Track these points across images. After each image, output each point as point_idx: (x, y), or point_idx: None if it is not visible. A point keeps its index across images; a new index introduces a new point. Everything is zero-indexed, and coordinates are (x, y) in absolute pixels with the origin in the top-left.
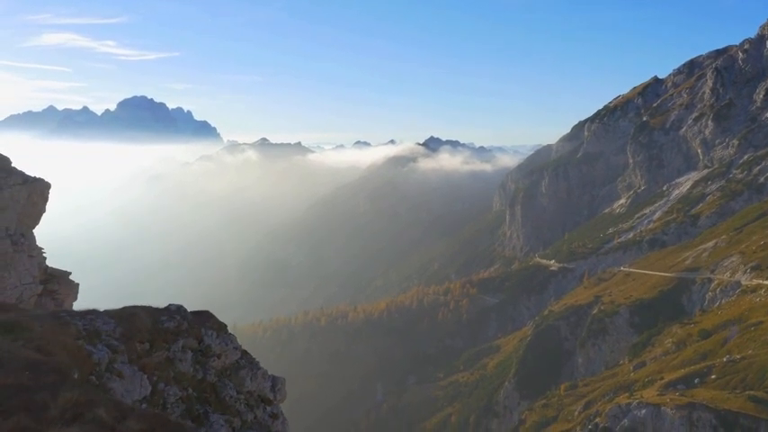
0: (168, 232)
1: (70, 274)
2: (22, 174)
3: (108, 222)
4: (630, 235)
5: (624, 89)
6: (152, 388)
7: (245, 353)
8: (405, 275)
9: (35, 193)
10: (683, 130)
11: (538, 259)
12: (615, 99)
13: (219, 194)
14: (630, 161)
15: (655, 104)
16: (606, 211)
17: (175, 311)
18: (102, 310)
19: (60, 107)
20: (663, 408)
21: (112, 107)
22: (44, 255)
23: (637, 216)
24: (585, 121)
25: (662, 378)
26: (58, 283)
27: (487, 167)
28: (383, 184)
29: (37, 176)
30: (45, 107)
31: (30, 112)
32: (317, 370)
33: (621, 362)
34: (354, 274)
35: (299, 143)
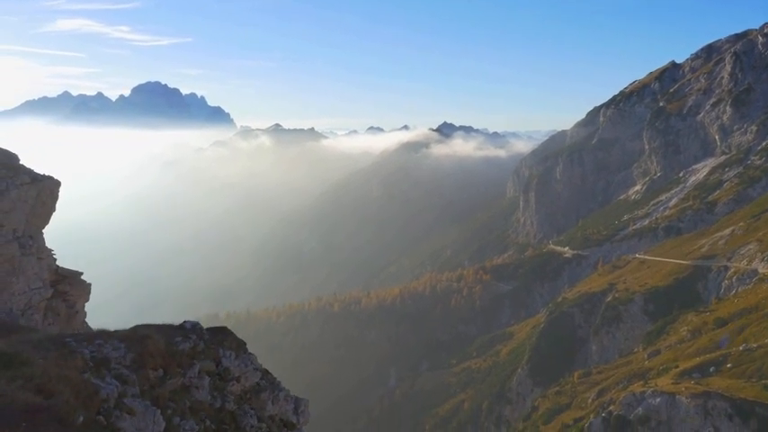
0: (181, 218)
1: (82, 274)
2: (30, 172)
3: (121, 208)
4: (646, 222)
5: (641, 74)
6: (166, 423)
7: (265, 372)
8: (417, 262)
9: (44, 192)
10: (701, 115)
11: (552, 246)
12: (631, 84)
13: (233, 180)
14: (646, 147)
15: (672, 90)
16: (621, 197)
17: (191, 330)
18: (112, 330)
19: (75, 93)
20: (678, 396)
21: (127, 93)
22: (54, 256)
23: (652, 203)
24: (601, 106)
25: (677, 366)
26: (70, 284)
27: (501, 153)
28: (396, 170)
29: (46, 174)
30: (60, 93)
31: (45, 98)
32: (330, 355)
33: (636, 350)
34: (367, 260)
35: (312, 129)
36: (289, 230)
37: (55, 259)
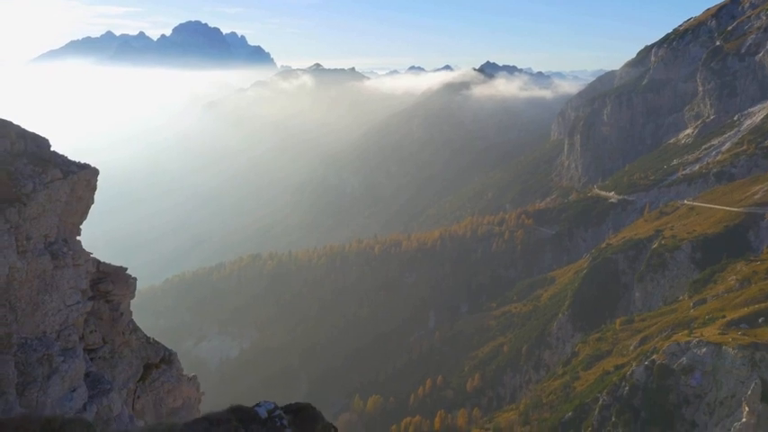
0: (223, 159)
1: (126, 269)
2: (63, 162)
3: (164, 149)
4: (696, 167)
5: (696, 11)
6: None
7: None
8: (458, 204)
9: (80, 185)
10: (760, 55)
11: (597, 190)
12: (686, 22)
13: (274, 120)
14: (700, 89)
15: (729, 28)
16: (671, 141)
17: (268, 422)
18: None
19: (118, 33)
20: (724, 347)
21: (168, 32)
22: (93, 256)
23: (704, 147)
24: (653, 45)
25: (724, 316)
26: (112, 283)
27: (546, 94)
28: (438, 111)
29: (81, 162)
30: (103, 33)
31: (88, 38)
32: (370, 297)
33: (681, 298)
34: (408, 202)
35: (353, 69)
36: (329, 171)
37: (95, 258)
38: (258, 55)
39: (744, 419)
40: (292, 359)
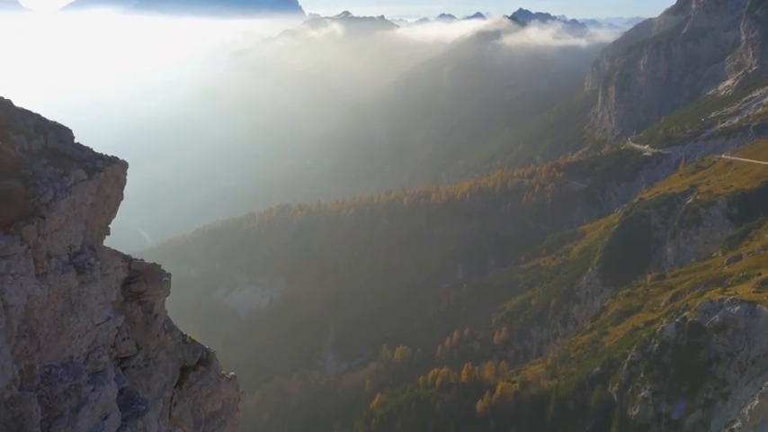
0: (250, 108)
1: (160, 266)
2: (88, 156)
3: (192, 98)
4: (736, 120)
5: None
6: None
7: None
8: (488, 157)
9: (107, 183)
10: None
11: (630, 143)
12: None
13: (302, 70)
14: (743, 38)
15: None
16: (710, 93)
17: None
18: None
19: None
20: (758, 306)
21: None
22: (125, 260)
23: (744, 99)
24: None
25: (759, 274)
26: (145, 282)
27: (580, 42)
28: (468, 60)
29: (109, 156)
30: None
31: None
32: (398, 249)
33: (714, 254)
34: (436, 153)
35: (383, 17)
36: (357, 121)
37: (126, 257)
38: (286, 2)
39: None
40: (321, 309)
